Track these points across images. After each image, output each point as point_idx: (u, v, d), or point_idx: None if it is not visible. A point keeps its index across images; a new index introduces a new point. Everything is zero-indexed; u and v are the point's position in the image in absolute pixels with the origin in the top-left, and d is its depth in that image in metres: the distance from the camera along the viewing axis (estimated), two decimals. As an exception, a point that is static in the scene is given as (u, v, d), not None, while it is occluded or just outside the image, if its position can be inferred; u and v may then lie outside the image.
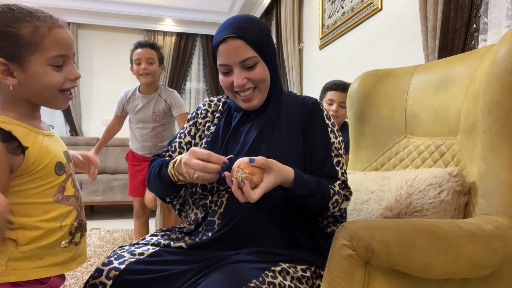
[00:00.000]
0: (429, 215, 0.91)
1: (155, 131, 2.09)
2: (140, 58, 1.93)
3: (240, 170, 0.73)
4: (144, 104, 2.04)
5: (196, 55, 5.32)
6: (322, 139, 0.91)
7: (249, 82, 0.87)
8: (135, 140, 2.14)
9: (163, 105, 2.04)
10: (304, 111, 0.94)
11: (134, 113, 2.07)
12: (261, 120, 0.92)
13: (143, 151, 2.14)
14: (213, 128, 0.97)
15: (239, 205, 0.82)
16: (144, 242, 0.86)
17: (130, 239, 2.90)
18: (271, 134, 0.89)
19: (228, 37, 0.84)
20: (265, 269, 0.74)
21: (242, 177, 0.72)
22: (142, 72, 1.92)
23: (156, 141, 2.12)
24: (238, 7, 4.55)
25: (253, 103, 0.90)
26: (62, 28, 0.74)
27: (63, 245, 0.74)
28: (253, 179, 0.72)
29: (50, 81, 0.72)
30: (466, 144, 0.97)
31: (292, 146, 0.89)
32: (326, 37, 3.07)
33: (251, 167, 0.73)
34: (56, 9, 4.90)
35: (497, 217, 0.82)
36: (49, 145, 0.74)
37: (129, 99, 2.07)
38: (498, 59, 0.84)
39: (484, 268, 0.73)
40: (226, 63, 0.86)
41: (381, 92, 1.27)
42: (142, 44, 1.96)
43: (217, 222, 0.85)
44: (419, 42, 1.93)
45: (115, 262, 0.78)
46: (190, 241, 0.85)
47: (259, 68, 0.87)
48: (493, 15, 1.40)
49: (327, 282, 0.68)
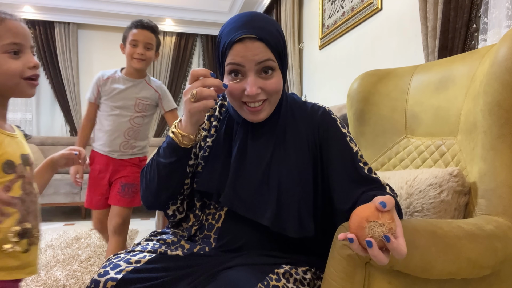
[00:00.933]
0: (429, 215, 0.91)
1: (133, 123, 1.75)
2: (138, 40, 1.67)
3: (374, 225, 0.55)
4: (126, 87, 1.73)
5: (196, 55, 5.32)
6: (344, 152, 0.81)
7: (262, 94, 0.76)
8: (103, 134, 1.76)
9: (152, 94, 1.77)
10: (313, 125, 0.84)
11: (111, 97, 1.73)
12: (270, 138, 0.82)
13: (110, 148, 1.75)
14: (209, 141, 0.86)
15: (238, 221, 0.80)
16: (140, 249, 0.82)
17: (130, 239, 2.90)
18: (279, 158, 0.81)
19: (247, 37, 0.72)
20: (269, 272, 0.72)
21: (384, 232, 0.55)
22: (137, 56, 1.68)
23: (130, 136, 1.76)
24: (238, 7, 4.55)
25: (261, 116, 0.78)
26: (16, 20, 0.79)
27: (5, 249, 0.72)
28: (393, 228, 0.55)
29: (8, 68, 0.75)
30: (466, 144, 0.97)
31: (302, 171, 0.81)
32: (326, 37, 3.07)
33: (383, 213, 0.56)
34: (56, 9, 4.92)
35: (497, 217, 0.82)
36: (4, 143, 0.76)
37: (106, 80, 1.75)
38: (499, 59, 0.84)
39: (484, 268, 0.73)
40: (241, 63, 0.73)
41: (381, 92, 1.27)
42: (143, 25, 1.68)
43: (213, 237, 0.82)
44: (419, 42, 1.93)
45: (112, 272, 0.74)
46: (187, 251, 0.81)
47: (276, 78, 0.76)
48: (493, 15, 1.40)
49: (327, 282, 0.68)
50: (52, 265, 2.24)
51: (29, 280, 1.99)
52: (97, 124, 1.79)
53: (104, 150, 1.76)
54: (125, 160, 1.78)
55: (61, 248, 2.61)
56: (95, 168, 1.77)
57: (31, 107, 4.76)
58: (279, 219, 0.78)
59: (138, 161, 1.83)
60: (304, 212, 0.79)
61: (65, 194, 3.57)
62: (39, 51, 4.72)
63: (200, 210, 0.87)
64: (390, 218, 0.56)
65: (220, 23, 5.00)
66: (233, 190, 0.80)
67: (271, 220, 0.77)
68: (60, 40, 4.72)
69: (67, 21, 4.73)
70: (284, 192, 0.79)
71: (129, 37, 1.69)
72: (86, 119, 1.81)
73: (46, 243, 2.73)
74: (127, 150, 1.78)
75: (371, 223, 0.55)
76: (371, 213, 0.56)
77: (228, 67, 0.75)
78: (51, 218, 3.72)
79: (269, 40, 0.73)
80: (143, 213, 4.01)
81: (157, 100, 1.80)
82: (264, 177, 0.80)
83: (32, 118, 4.77)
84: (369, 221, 0.56)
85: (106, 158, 1.76)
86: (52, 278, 2.02)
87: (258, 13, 0.78)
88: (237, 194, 0.80)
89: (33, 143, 4.24)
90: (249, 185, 0.80)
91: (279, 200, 0.78)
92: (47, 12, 4.62)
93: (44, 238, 2.86)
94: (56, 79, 4.75)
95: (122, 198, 1.74)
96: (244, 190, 0.80)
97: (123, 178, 1.76)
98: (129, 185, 1.76)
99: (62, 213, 3.97)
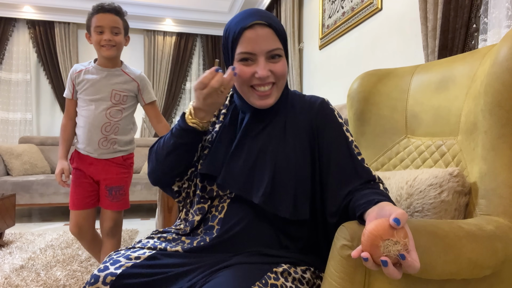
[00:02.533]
0: (429, 215, 0.91)
1: (109, 116, 1.62)
2: (103, 26, 1.54)
3: (389, 243, 0.54)
4: (101, 78, 1.62)
5: (196, 55, 5.32)
6: (340, 140, 0.85)
7: (272, 76, 0.81)
8: (81, 132, 1.65)
9: (129, 84, 1.65)
10: (311, 113, 0.88)
11: (85, 90, 1.61)
12: (271, 126, 0.87)
13: (89, 147, 1.64)
14: (217, 127, 0.91)
15: (240, 212, 0.82)
16: (140, 245, 0.84)
17: (130, 239, 2.90)
18: (277, 143, 0.85)
19: (257, 23, 0.78)
20: (267, 271, 0.73)
21: (399, 251, 0.53)
22: (104, 43, 1.55)
23: (108, 131, 1.63)
24: (238, 7, 4.55)
25: (270, 100, 0.83)
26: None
27: None
28: (407, 244, 0.54)
29: None
30: (467, 144, 0.96)
31: (298, 156, 0.84)
32: (326, 37, 3.07)
33: (397, 231, 0.55)
34: (56, 9, 4.93)
35: (498, 218, 0.82)
36: None
37: (79, 72, 1.63)
38: (499, 59, 0.84)
39: (484, 268, 0.73)
40: (252, 51, 0.79)
41: (381, 92, 1.27)
42: (105, 9, 1.55)
43: (216, 227, 0.84)
44: (419, 42, 1.93)
45: (111, 267, 0.75)
46: (187, 246, 0.83)
47: (282, 62, 0.82)
48: (493, 15, 1.40)
49: (327, 282, 0.68)
50: (52, 265, 2.24)
51: (29, 280, 1.99)
52: (77, 121, 1.69)
53: (85, 150, 1.66)
54: (108, 160, 1.67)
55: (61, 248, 2.61)
56: (77, 167, 1.68)
57: (31, 107, 4.76)
58: (272, 199, 0.80)
59: (122, 160, 1.71)
60: (300, 195, 0.82)
61: (65, 194, 3.57)
62: (39, 51, 4.73)
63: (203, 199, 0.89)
64: (405, 236, 0.55)
65: (220, 23, 5.00)
66: (228, 169, 0.83)
67: (263, 198, 0.79)
68: (60, 40, 4.73)
69: (67, 21, 4.73)
70: (279, 173, 0.81)
71: (92, 24, 1.56)
72: (66, 118, 1.71)
73: (46, 243, 2.73)
74: (108, 147, 1.65)
75: (386, 242, 0.54)
76: (385, 232, 0.55)
77: (239, 56, 0.80)
78: (51, 218, 3.72)
79: (277, 28, 0.80)
80: (143, 213, 4.01)
81: (136, 91, 1.68)
82: (259, 158, 0.83)
83: (32, 118, 4.77)
84: (383, 239, 0.54)
85: (87, 158, 1.66)
86: (52, 278, 2.02)
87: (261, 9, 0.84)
88: (231, 173, 0.83)
89: (33, 143, 4.24)
90: (244, 164, 0.83)
91: (274, 180, 0.81)
92: (47, 12, 4.62)
93: (44, 238, 2.86)
94: (56, 79, 4.75)
95: (112, 202, 1.68)
96: (238, 169, 0.83)
97: (107, 181, 1.67)
98: (116, 188, 1.68)
99: (62, 213, 3.97)
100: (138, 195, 3.72)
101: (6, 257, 2.41)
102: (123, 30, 1.61)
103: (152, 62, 5.05)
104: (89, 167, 1.66)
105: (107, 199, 1.68)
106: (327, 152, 0.84)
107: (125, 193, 1.72)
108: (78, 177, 1.67)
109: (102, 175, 1.67)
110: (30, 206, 3.56)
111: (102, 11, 1.55)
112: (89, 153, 1.65)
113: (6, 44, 4.68)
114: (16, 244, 2.71)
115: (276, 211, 0.79)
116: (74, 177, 1.68)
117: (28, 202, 3.51)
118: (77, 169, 1.68)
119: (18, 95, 4.74)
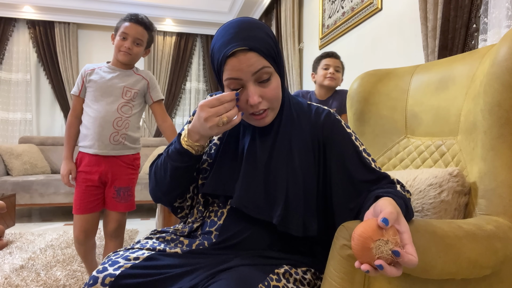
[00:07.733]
0: (429, 215, 0.91)
1: (121, 112, 1.64)
2: (128, 34, 1.60)
3: (381, 243, 0.54)
4: (114, 76, 1.66)
5: (196, 55, 5.33)
6: (347, 148, 0.83)
7: (264, 103, 0.78)
8: (89, 128, 1.63)
9: (139, 82, 1.69)
10: (317, 126, 0.85)
11: (97, 87, 1.64)
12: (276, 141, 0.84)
13: (100, 142, 1.62)
14: (216, 139, 0.90)
15: (239, 219, 0.81)
16: (139, 246, 0.84)
17: (130, 239, 2.90)
18: (284, 160, 0.83)
19: (238, 50, 0.73)
20: (269, 272, 0.73)
21: (390, 249, 0.53)
22: (124, 49, 1.61)
23: (120, 126, 1.64)
24: (238, 7, 4.55)
25: (266, 120, 0.81)
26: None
27: None
28: (398, 241, 0.54)
29: None
30: (467, 144, 0.96)
31: (304, 166, 0.82)
32: (326, 37, 3.07)
33: (386, 230, 0.55)
34: (56, 9, 4.93)
35: (498, 217, 0.82)
36: None
37: (92, 71, 1.67)
38: (499, 59, 0.84)
39: (484, 268, 0.73)
40: (238, 77, 0.75)
41: (381, 92, 1.27)
42: (137, 20, 1.62)
43: (214, 233, 0.83)
44: (419, 42, 1.93)
45: (110, 268, 0.75)
46: (185, 248, 0.83)
47: (274, 83, 0.78)
48: (493, 15, 1.40)
49: (327, 282, 0.68)
50: (52, 265, 2.24)
51: (29, 280, 1.99)
52: (84, 123, 1.67)
53: (93, 148, 1.63)
54: (117, 158, 1.67)
55: (61, 248, 2.61)
56: (84, 170, 1.65)
57: (31, 107, 4.76)
58: (285, 219, 0.79)
59: (132, 159, 1.73)
60: (308, 212, 0.81)
61: (65, 194, 3.57)
62: (39, 51, 4.73)
63: (203, 207, 0.89)
64: (394, 233, 0.54)
65: (220, 23, 5.00)
66: (245, 193, 0.81)
67: (279, 219, 0.78)
68: (60, 40, 4.73)
69: (67, 21, 4.74)
70: (290, 193, 0.80)
71: (120, 29, 1.62)
72: (72, 116, 1.71)
73: (46, 243, 2.73)
74: (119, 142, 1.65)
75: (377, 243, 0.54)
76: (374, 233, 0.54)
77: (226, 82, 0.77)
78: (51, 218, 3.72)
79: (261, 48, 0.74)
80: (143, 213, 4.02)
81: (145, 90, 1.71)
82: (270, 177, 0.82)
83: (32, 118, 4.77)
84: (374, 240, 0.54)
85: (95, 158, 1.64)
86: (52, 278, 2.02)
87: (245, 19, 0.79)
88: (248, 197, 0.81)
89: (33, 143, 4.24)
90: (258, 187, 0.81)
91: (287, 200, 0.80)
92: (47, 12, 4.62)
93: (44, 238, 2.86)
94: (56, 79, 4.75)
95: (118, 203, 1.67)
96: (254, 193, 0.81)
97: (117, 182, 1.67)
98: (124, 189, 1.68)
99: (62, 213, 3.97)
100: (138, 195, 3.71)
101: (6, 257, 2.41)
102: (146, 43, 1.68)
103: (152, 62, 5.05)
104: (97, 168, 1.64)
105: (114, 200, 1.67)
106: (337, 162, 0.82)
107: (132, 194, 1.72)
108: (83, 180, 1.65)
109: (111, 175, 1.66)
110: (30, 206, 3.56)
111: (133, 21, 1.62)
112: (97, 150, 1.63)
113: (6, 44, 4.69)
114: (16, 244, 2.71)
115: (288, 231, 0.78)
116: (78, 180, 1.66)
117: (28, 202, 3.51)
118: (82, 171, 1.66)
119: (18, 95, 4.74)
